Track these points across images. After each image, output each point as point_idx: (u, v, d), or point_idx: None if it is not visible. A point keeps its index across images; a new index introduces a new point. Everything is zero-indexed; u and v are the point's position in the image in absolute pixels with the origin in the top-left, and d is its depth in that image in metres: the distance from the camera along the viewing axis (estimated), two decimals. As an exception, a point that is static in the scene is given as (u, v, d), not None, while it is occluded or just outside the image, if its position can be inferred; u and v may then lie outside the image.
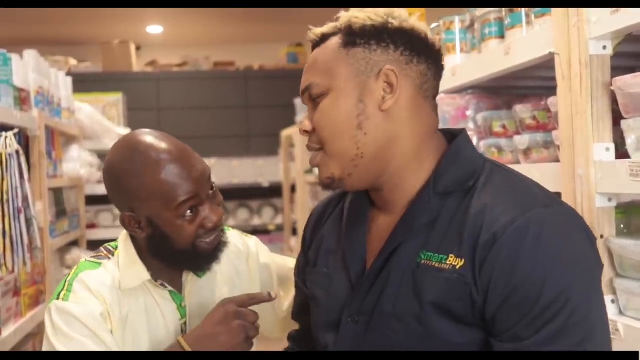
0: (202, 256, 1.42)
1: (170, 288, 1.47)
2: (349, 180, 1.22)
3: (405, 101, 1.21)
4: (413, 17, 1.25)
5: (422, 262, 1.16)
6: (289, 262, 1.69)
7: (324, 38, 1.25)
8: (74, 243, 4.19)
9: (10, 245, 2.16)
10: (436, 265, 1.14)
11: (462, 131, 1.27)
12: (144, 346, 1.44)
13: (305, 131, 1.25)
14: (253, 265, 1.62)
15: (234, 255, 1.59)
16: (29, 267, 2.30)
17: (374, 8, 1.24)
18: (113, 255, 1.48)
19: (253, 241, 1.66)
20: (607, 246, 1.51)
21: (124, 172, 1.38)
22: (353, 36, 1.21)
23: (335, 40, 1.23)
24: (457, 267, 1.12)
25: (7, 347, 2.31)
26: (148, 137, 1.40)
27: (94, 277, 1.42)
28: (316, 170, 1.29)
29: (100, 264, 1.46)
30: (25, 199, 2.30)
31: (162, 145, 1.39)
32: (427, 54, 1.23)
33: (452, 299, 1.12)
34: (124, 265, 1.44)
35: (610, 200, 1.52)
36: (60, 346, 1.36)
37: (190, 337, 1.38)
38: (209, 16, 7.12)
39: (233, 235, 1.62)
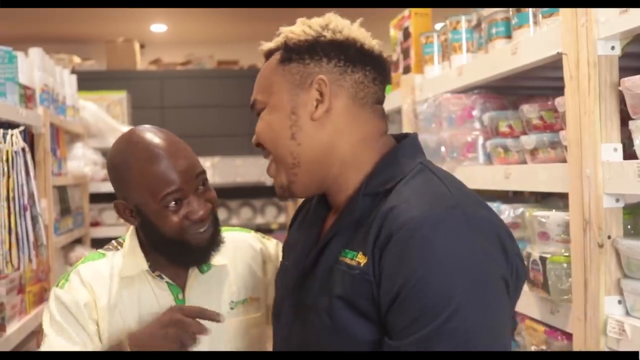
0: (193, 250, 1.47)
1: (167, 279, 1.51)
2: (294, 188, 1.28)
3: (339, 110, 1.24)
4: (353, 25, 1.29)
5: (341, 258, 1.20)
6: None
7: (270, 53, 1.31)
8: (78, 241, 4.20)
9: (16, 242, 2.17)
10: (349, 261, 1.18)
11: (409, 135, 1.30)
12: None
13: (255, 143, 1.32)
14: (270, 268, 1.63)
15: (250, 256, 1.61)
16: (34, 264, 2.30)
17: (313, 19, 1.29)
18: (122, 246, 1.56)
19: (273, 244, 1.68)
20: (614, 247, 1.51)
21: (118, 162, 1.48)
22: (289, 52, 1.27)
23: (276, 57, 1.29)
24: (362, 264, 1.16)
25: (11, 345, 2.32)
26: (144, 131, 1.48)
27: (91, 268, 1.52)
28: None
29: (104, 254, 1.55)
30: (30, 196, 2.30)
31: (154, 139, 1.45)
32: (363, 62, 1.26)
33: (357, 296, 1.15)
34: (126, 254, 1.53)
35: (617, 200, 1.52)
36: (49, 328, 1.47)
37: (135, 334, 1.42)
38: (213, 15, 7.12)
39: (251, 238, 1.66)
